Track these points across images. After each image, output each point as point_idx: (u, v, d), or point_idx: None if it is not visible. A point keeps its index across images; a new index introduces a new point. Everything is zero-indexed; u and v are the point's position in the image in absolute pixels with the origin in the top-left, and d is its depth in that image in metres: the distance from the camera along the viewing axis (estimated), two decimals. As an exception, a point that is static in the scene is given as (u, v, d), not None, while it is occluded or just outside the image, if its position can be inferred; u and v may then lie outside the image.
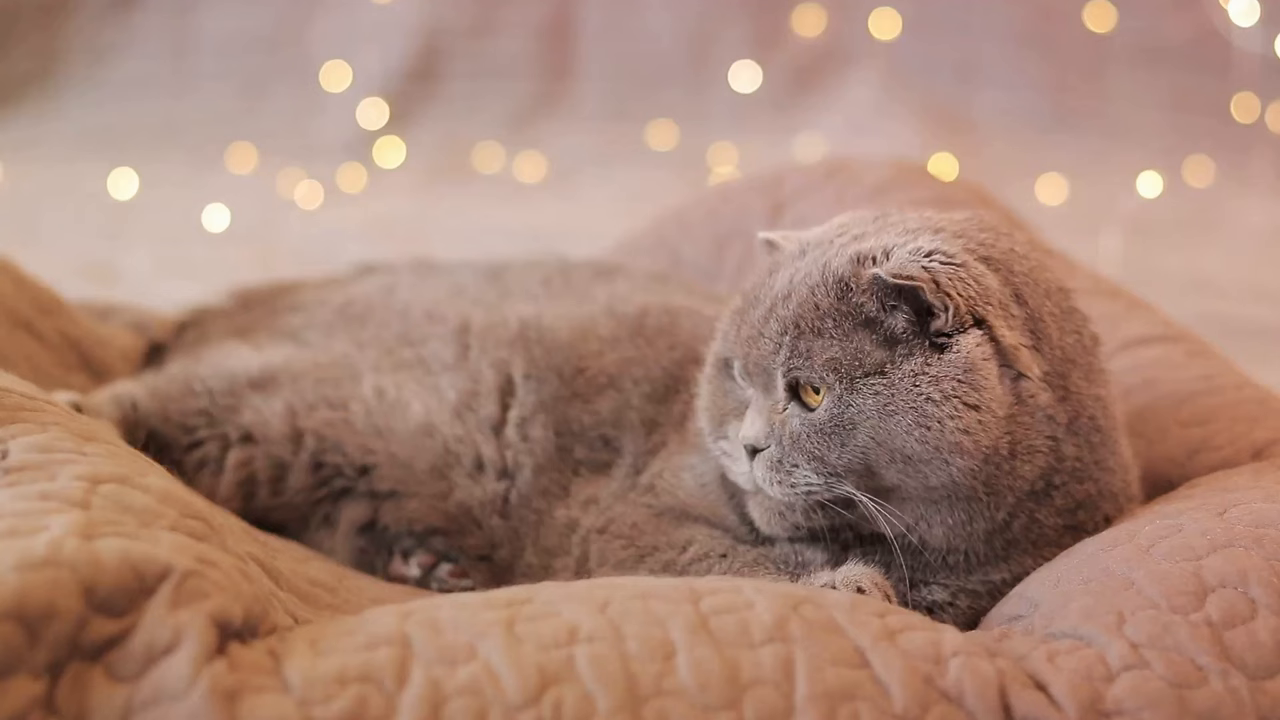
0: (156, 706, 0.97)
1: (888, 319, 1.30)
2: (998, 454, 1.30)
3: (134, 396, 1.67)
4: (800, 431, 1.32)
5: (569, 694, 1.03)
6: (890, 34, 4.45)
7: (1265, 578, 1.17)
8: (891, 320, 1.30)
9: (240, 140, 4.30)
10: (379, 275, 1.93)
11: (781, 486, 1.34)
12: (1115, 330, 1.81)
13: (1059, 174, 4.17)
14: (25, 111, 4.47)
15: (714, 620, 1.10)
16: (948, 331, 1.29)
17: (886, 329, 1.30)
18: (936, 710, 1.06)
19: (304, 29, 4.51)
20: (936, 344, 1.29)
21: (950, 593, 1.37)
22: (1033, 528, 1.37)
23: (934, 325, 1.29)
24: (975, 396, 1.28)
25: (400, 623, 1.08)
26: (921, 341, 1.30)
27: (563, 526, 1.56)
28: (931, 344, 1.29)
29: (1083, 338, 1.40)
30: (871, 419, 1.29)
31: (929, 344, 1.29)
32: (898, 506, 1.32)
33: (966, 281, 1.30)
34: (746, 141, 4.37)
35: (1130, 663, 1.11)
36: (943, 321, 1.29)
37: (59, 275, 2.19)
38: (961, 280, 1.30)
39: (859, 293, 1.31)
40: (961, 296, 1.29)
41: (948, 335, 1.29)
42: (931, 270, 1.29)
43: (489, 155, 4.42)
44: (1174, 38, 4.29)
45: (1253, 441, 1.56)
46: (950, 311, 1.29)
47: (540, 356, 1.65)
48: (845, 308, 1.32)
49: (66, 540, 1.01)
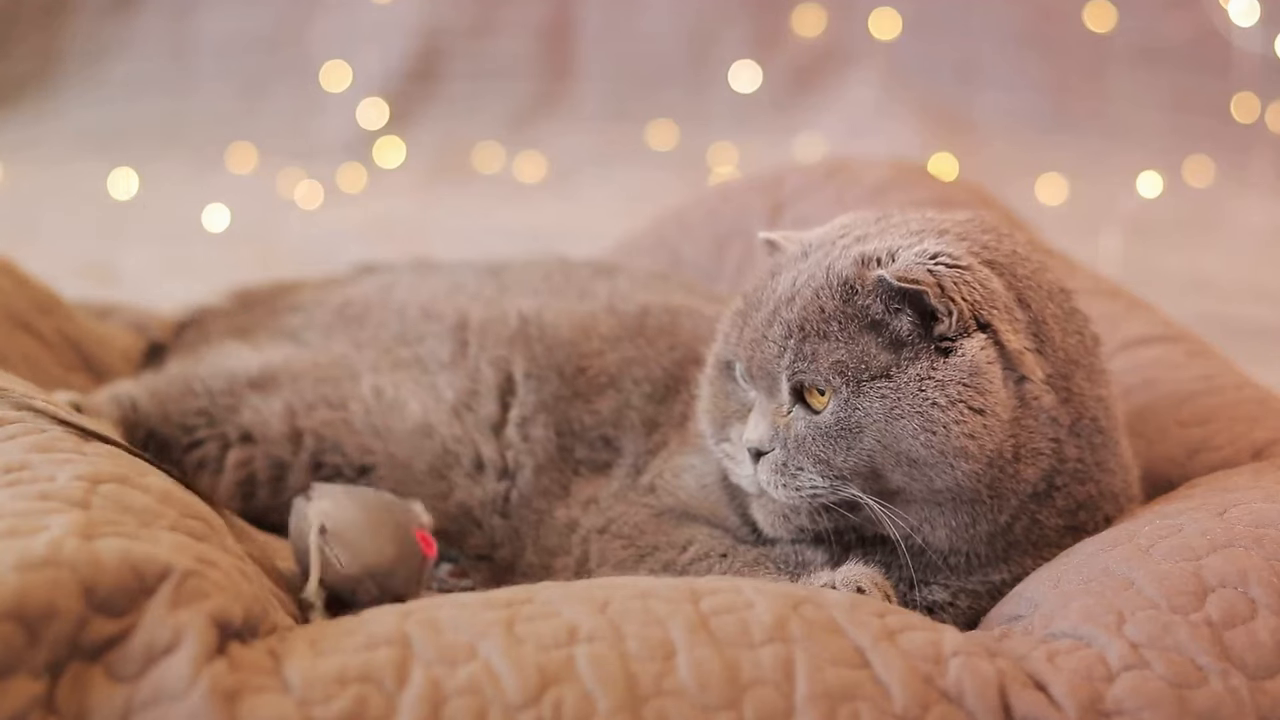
0: (156, 706, 0.97)
1: (893, 321, 1.30)
2: (1002, 457, 1.29)
3: (134, 396, 1.67)
4: (805, 434, 1.32)
5: (569, 694, 1.03)
6: (890, 34, 4.45)
7: (1265, 578, 1.17)
8: (897, 323, 1.30)
9: (240, 140, 4.29)
10: (378, 275, 1.93)
11: (786, 490, 1.34)
12: (1115, 330, 1.81)
13: (1059, 174, 4.17)
14: (25, 111, 4.47)
15: (714, 620, 1.10)
16: (952, 335, 1.29)
17: (892, 331, 1.30)
18: (936, 710, 1.06)
19: (304, 29, 4.50)
20: (941, 348, 1.29)
21: (950, 593, 1.37)
22: (1034, 529, 1.37)
23: (938, 329, 1.29)
24: (980, 400, 1.28)
25: (400, 622, 1.08)
26: (927, 345, 1.29)
27: (563, 526, 1.56)
28: (936, 348, 1.29)
29: (1084, 339, 1.40)
30: (878, 422, 1.28)
31: (934, 348, 1.29)
32: (902, 509, 1.32)
33: (971, 285, 1.30)
34: (746, 141, 4.36)
35: (1130, 663, 1.11)
36: (947, 325, 1.29)
37: (59, 275, 2.19)
38: (966, 284, 1.29)
39: (864, 295, 1.31)
40: (966, 300, 1.29)
41: (952, 339, 1.29)
42: (937, 274, 1.29)
43: (489, 155, 4.41)
44: (1174, 38, 4.29)
45: (1253, 441, 1.56)
46: (955, 316, 1.28)
47: (541, 354, 1.65)
48: (850, 310, 1.31)
49: (66, 540, 1.01)
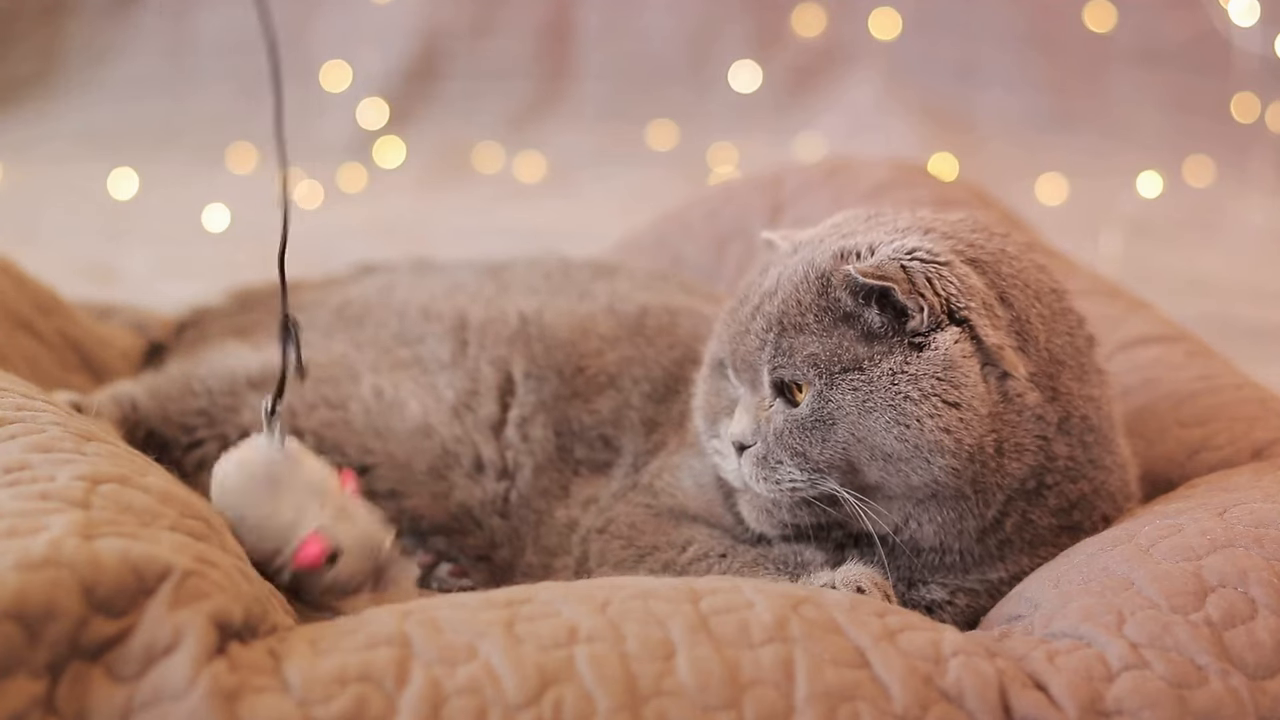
0: (156, 706, 0.97)
1: (865, 315, 1.30)
2: (983, 452, 1.29)
3: (134, 396, 1.67)
4: (783, 427, 1.32)
5: (569, 694, 1.03)
6: (890, 34, 4.45)
7: (1265, 578, 1.17)
8: (868, 315, 1.30)
9: (240, 140, 4.29)
10: (378, 275, 1.93)
11: (767, 483, 1.34)
12: (1115, 330, 1.81)
13: (1059, 174, 4.17)
14: (25, 111, 4.47)
15: (714, 620, 1.10)
16: (924, 330, 1.29)
17: (865, 325, 1.30)
18: (936, 710, 1.06)
19: (304, 29, 4.50)
20: (915, 343, 1.29)
21: (948, 591, 1.37)
22: (1026, 527, 1.36)
23: (910, 324, 1.29)
24: (955, 394, 1.27)
25: (400, 622, 1.08)
26: (900, 339, 1.29)
27: (562, 526, 1.56)
28: (910, 342, 1.29)
29: (1075, 339, 1.39)
30: (850, 415, 1.28)
31: (907, 342, 1.29)
32: (884, 505, 1.32)
33: (947, 280, 1.30)
34: (746, 141, 4.37)
35: (1130, 663, 1.11)
36: (917, 322, 1.29)
37: (59, 275, 2.18)
38: (941, 279, 1.29)
39: (838, 288, 1.31)
40: (939, 296, 1.29)
41: (924, 334, 1.29)
42: (909, 270, 1.29)
43: (489, 155, 4.41)
44: (1174, 38, 4.29)
45: (1253, 441, 1.56)
46: (925, 311, 1.28)
47: (540, 354, 1.65)
48: (825, 303, 1.32)
49: (66, 540, 1.01)
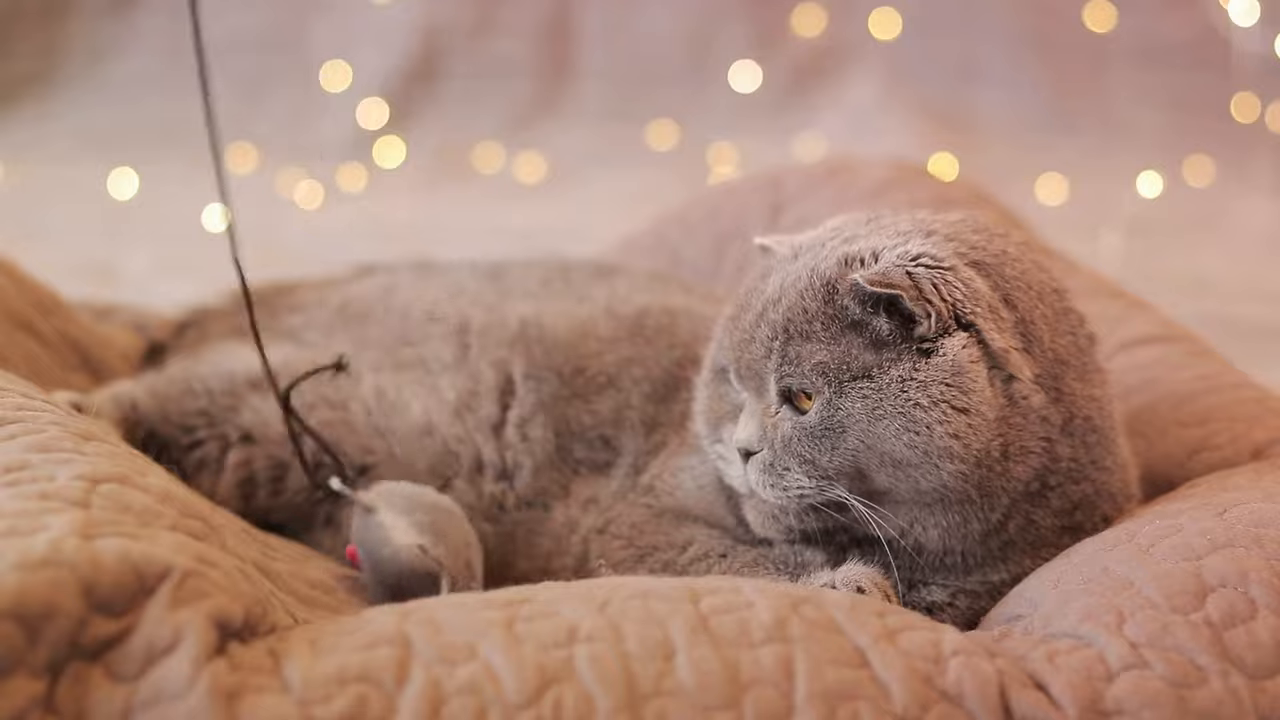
0: (156, 706, 0.97)
1: (873, 323, 1.30)
2: (990, 456, 1.29)
3: (134, 396, 1.67)
4: (791, 435, 1.32)
5: (569, 694, 1.03)
6: (890, 34, 4.45)
7: (1265, 578, 1.17)
8: (876, 324, 1.30)
9: (240, 140, 4.29)
10: (378, 275, 1.93)
11: (774, 490, 1.34)
12: (1115, 330, 1.81)
13: (1059, 174, 4.17)
14: (25, 111, 4.47)
15: (714, 620, 1.10)
16: (932, 336, 1.29)
17: (873, 332, 1.30)
18: (936, 710, 1.06)
19: (304, 29, 4.51)
20: (923, 349, 1.29)
21: (949, 593, 1.37)
22: (1029, 529, 1.36)
23: (918, 331, 1.29)
24: (964, 400, 1.27)
25: (400, 622, 1.08)
26: (908, 346, 1.29)
27: (562, 527, 1.56)
28: (918, 349, 1.29)
29: (1077, 339, 1.39)
30: (860, 423, 1.28)
31: (915, 349, 1.29)
32: (891, 509, 1.32)
33: (953, 285, 1.30)
34: (746, 141, 4.37)
35: (1130, 663, 1.11)
36: (926, 327, 1.29)
37: (59, 275, 2.18)
38: (947, 284, 1.29)
39: (844, 295, 1.31)
40: (945, 302, 1.29)
41: (932, 340, 1.29)
42: (915, 276, 1.29)
43: (489, 155, 4.41)
44: (1174, 38, 4.29)
45: (1253, 441, 1.56)
46: (933, 318, 1.28)
47: (540, 356, 1.65)
48: (832, 311, 1.32)
49: (66, 540, 1.01)
